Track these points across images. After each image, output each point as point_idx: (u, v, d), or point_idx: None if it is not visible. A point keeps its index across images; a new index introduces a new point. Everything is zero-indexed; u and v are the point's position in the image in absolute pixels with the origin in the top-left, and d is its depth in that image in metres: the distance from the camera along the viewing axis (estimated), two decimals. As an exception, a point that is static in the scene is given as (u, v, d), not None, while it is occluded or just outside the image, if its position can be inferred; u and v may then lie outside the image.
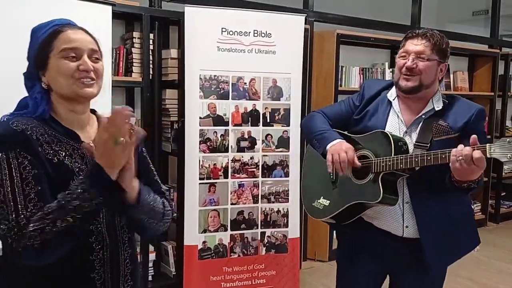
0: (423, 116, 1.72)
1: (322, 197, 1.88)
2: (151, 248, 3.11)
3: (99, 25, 2.57)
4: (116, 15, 2.72)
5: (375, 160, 1.70)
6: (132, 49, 3.00)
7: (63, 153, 1.13)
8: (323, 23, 3.86)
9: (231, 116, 3.02)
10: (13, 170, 1.05)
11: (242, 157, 3.06)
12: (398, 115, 1.76)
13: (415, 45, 1.70)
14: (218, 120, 3.00)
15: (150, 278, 3.12)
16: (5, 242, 1.04)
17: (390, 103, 1.78)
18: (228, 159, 3.03)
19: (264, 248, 3.14)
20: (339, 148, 1.71)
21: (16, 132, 1.07)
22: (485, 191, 5.12)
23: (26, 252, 1.01)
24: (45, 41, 1.16)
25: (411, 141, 1.72)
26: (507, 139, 1.41)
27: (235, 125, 3.03)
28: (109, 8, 2.63)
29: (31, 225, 1.01)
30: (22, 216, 1.03)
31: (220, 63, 2.96)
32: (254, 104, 3.06)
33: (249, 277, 3.12)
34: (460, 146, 1.47)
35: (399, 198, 1.70)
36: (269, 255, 3.15)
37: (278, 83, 3.10)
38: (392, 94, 1.79)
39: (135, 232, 1.28)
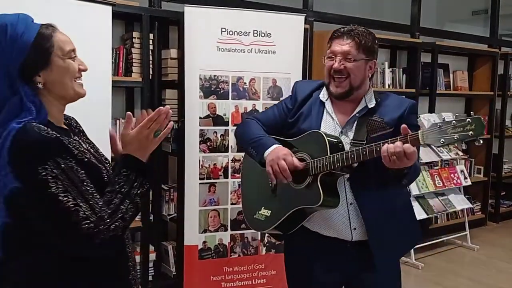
0: (357, 115, 1.70)
1: (262, 208, 1.80)
2: (151, 248, 3.11)
3: (99, 25, 2.58)
4: (116, 15, 2.73)
5: (311, 161, 1.64)
6: (132, 49, 3.00)
7: (82, 151, 1.20)
8: (323, 23, 3.86)
9: (231, 116, 3.02)
10: (70, 174, 1.10)
11: (242, 157, 3.05)
12: (332, 116, 1.73)
13: (341, 45, 1.67)
14: (218, 120, 3.00)
15: (150, 278, 3.12)
16: (89, 240, 1.08)
17: (323, 103, 1.75)
18: (228, 159, 3.03)
19: (264, 248, 3.14)
20: (276, 156, 1.64)
21: (52, 139, 1.10)
22: (485, 191, 5.12)
23: (111, 243, 1.12)
24: (39, 43, 1.15)
25: (348, 140, 1.68)
26: (438, 124, 1.41)
27: (235, 125, 3.03)
28: (109, 8, 2.63)
29: (112, 217, 1.12)
30: (102, 212, 1.11)
31: (220, 63, 2.96)
32: (254, 104, 3.06)
33: (249, 277, 3.12)
34: (391, 144, 1.45)
35: (341, 199, 1.65)
36: (269, 255, 3.15)
37: (278, 83, 3.10)
38: (324, 94, 1.76)
39: None
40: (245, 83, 3.04)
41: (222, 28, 2.96)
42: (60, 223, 1.08)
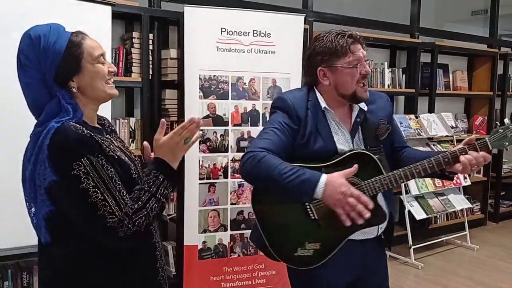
0: (358, 120, 1.68)
1: (306, 243, 1.61)
2: (151, 248, 3.10)
3: (98, 25, 2.58)
4: (115, 15, 2.73)
5: (369, 183, 1.57)
6: (132, 49, 3.00)
7: (113, 149, 1.31)
8: (323, 23, 3.86)
9: (231, 116, 3.02)
10: (100, 172, 1.21)
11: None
12: (339, 126, 1.67)
13: (362, 50, 1.63)
14: (218, 120, 3.00)
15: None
16: (113, 234, 1.19)
17: (323, 112, 1.65)
18: (228, 159, 3.03)
19: (264, 248, 3.14)
20: (338, 191, 1.43)
21: (86, 137, 1.20)
22: (485, 191, 5.13)
23: (133, 236, 1.21)
24: (71, 50, 1.25)
25: (363, 147, 1.67)
26: (498, 129, 1.56)
27: (235, 125, 3.03)
28: (109, 8, 2.63)
29: (138, 214, 1.22)
30: (128, 208, 1.22)
31: (219, 63, 2.96)
32: (253, 104, 3.07)
33: (249, 277, 3.12)
34: (470, 154, 1.56)
35: None
36: (269, 255, 3.15)
37: (278, 83, 3.10)
38: (321, 102, 1.66)
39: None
40: (244, 83, 3.04)
41: (222, 28, 2.96)
42: (89, 215, 1.19)
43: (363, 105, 1.69)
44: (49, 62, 1.22)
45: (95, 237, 1.24)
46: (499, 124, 1.63)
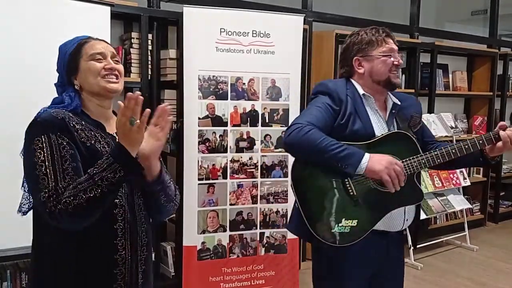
0: (394, 111, 1.81)
1: (343, 219, 1.66)
2: (150, 248, 3.10)
3: (97, 26, 2.57)
4: (114, 16, 2.72)
5: (409, 161, 1.69)
6: (131, 49, 3.00)
7: (93, 139, 1.34)
8: (322, 23, 3.86)
9: (230, 116, 3.01)
10: (54, 149, 1.26)
11: (241, 157, 3.06)
12: (378, 113, 1.78)
13: (394, 43, 1.80)
14: (217, 121, 2.99)
15: (149, 278, 3.11)
16: (43, 208, 1.22)
17: (361, 100, 1.76)
18: (227, 160, 3.03)
19: (263, 249, 3.14)
20: (386, 162, 1.59)
21: (57, 118, 1.29)
22: (484, 191, 5.13)
23: (61, 216, 1.21)
24: (75, 51, 1.39)
25: None
26: None
27: (234, 125, 3.03)
28: (108, 8, 2.63)
29: (66, 193, 1.22)
30: (60, 185, 1.23)
31: (218, 63, 2.96)
32: (253, 105, 3.06)
33: (248, 277, 3.11)
34: (510, 130, 1.69)
35: None
36: (268, 256, 3.15)
37: (277, 83, 3.10)
38: (360, 89, 1.78)
39: (153, 213, 1.47)
40: (244, 84, 3.03)
41: (221, 29, 2.95)
42: (32, 187, 1.27)
43: (396, 100, 1.82)
44: (62, 65, 1.40)
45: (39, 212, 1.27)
46: None
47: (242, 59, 3.00)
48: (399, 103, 1.81)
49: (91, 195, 1.21)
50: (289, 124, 1.69)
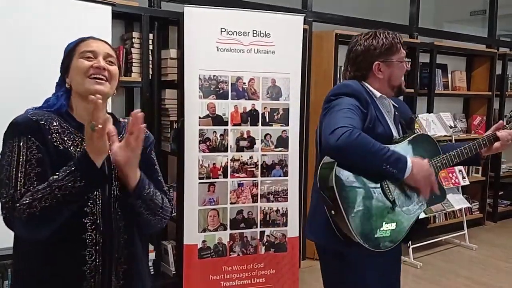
0: (396, 113, 1.85)
1: (384, 224, 1.66)
2: (150, 247, 3.11)
3: (98, 25, 2.58)
4: (115, 15, 2.73)
5: (432, 162, 1.75)
6: (132, 49, 3.01)
7: (70, 143, 1.27)
8: (322, 23, 3.87)
9: (230, 116, 3.03)
10: (21, 152, 1.21)
11: (242, 156, 3.07)
12: (388, 114, 1.81)
13: (404, 51, 1.84)
14: (218, 120, 3.00)
15: (149, 277, 3.12)
16: (2, 213, 1.18)
17: (375, 102, 1.77)
18: (227, 159, 3.04)
19: (264, 247, 3.15)
20: (425, 171, 1.64)
21: (31, 121, 1.24)
22: (483, 190, 5.14)
23: (16, 223, 1.17)
24: (70, 50, 1.34)
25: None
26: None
27: (234, 124, 3.04)
28: (109, 8, 2.63)
29: (22, 200, 1.16)
30: (18, 191, 1.17)
31: (219, 63, 2.97)
32: (253, 104, 3.07)
33: (248, 276, 3.13)
34: (506, 131, 1.81)
35: None
36: (269, 254, 3.16)
37: (277, 83, 3.11)
38: (374, 92, 1.79)
39: (135, 224, 1.35)
40: (244, 83, 3.05)
41: (221, 28, 2.97)
42: None
43: (393, 103, 1.86)
44: (60, 65, 1.35)
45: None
46: (509, 115, 1.85)
47: (243, 58, 3.01)
48: (396, 105, 1.87)
49: (46, 204, 1.13)
50: (332, 126, 1.60)
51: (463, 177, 4.44)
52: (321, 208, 1.70)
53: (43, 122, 1.24)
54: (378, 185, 1.67)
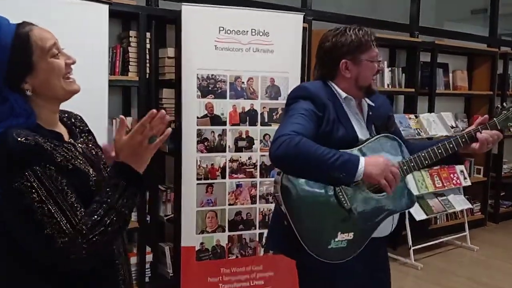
0: (370, 113, 1.76)
1: (339, 233, 1.59)
2: (148, 249, 3.08)
3: (95, 24, 2.56)
4: (112, 14, 2.70)
5: (401, 165, 1.64)
6: (129, 48, 2.98)
7: (69, 157, 1.13)
8: (321, 21, 3.83)
9: (229, 115, 2.99)
10: (47, 184, 1.04)
11: (240, 157, 3.04)
12: (357, 116, 1.72)
13: (376, 50, 1.72)
14: (216, 120, 2.97)
15: (147, 279, 3.09)
16: (62, 255, 1.02)
17: (340, 103, 1.68)
18: (225, 159, 3.01)
19: (262, 249, 3.12)
20: (382, 165, 1.50)
21: (31, 145, 1.04)
22: (485, 191, 5.11)
23: (88, 257, 1.03)
24: (18, 46, 1.09)
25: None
26: (500, 111, 1.70)
27: (233, 124, 3.01)
28: (106, 7, 2.61)
29: (93, 231, 1.04)
30: (81, 225, 1.04)
31: (217, 62, 2.94)
32: (252, 104, 3.04)
33: (247, 278, 3.09)
34: (487, 133, 1.66)
35: None
36: (267, 256, 3.13)
37: (276, 82, 3.08)
38: (341, 92, 1.69)
39: None
40: (243, 83, 3.01)
41: (220, 27, 2.93)
42: (34, 235, 1.03)
43: (369, 101, 1.76)
44: (8, 69, 1.08)
45: (44, 261, 1.07)
46: (500, 107, 1.74)
47: (241, 58, 2.98)
48: (373, 104, 1.77)
49: (117, 226, 1.07)
50: (274, 137, 1.52)
51: (465, 178, 4.41)
52: (279, 218, 1.64)
53: (41, 143, 1.06)
54: (332, 191, 1.59)
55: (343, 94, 1.68)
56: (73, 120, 1.30)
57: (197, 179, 2.95)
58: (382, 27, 4.22)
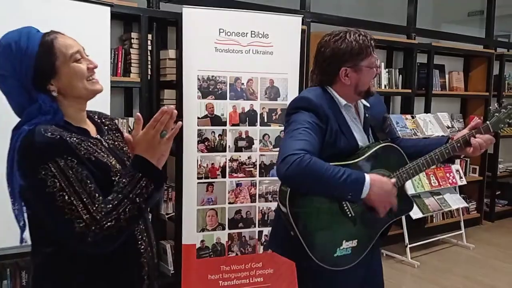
0: (367, 115, 1.78)
1: (344, 241, 1.64)
2: (149, 247, 3.12)
3: (97, 26, 2.59)
4: (114, 16, 2.74)
5: (398, 173, 1.69)
6: (130, 49, 3.02)
7: (92, 150, 1.24)
8: (320, 24, 3.88)
9: (229, 116, 3.04)
10: (68, 174, 1.14)
11: (240, 156, 3.08)
12: (355, 121, 1.74)
13: (375, 55, 1.73)
14: (216, 120, 3.02)
15: (148, 277, 3.13)
16: (81, 239, 1.12)
17: (339, 109, 1.69)
18: (225, 159, 3.05)
19: (262, 247, 3.16)
20: (384, 192, 1.57)
21: (55, 140, 1.15)
22: (480, 190, 5.16)
23: (105, 242, 1.13)
24: (44, 51, 1.20)
25: (373, 141, 1.79)
26: (493, 113, 1.75)
27: (233, 125, 3.05)
28: (108, 9, 2.64)
29: (107, 217, 1.13)
30: (97, 212, 1.13)
31: (217, 63, 2.98)
32: (251, 104, 3.09)
33: (247, 275, 3.14)
34: (480, 138, 1.70)
35: None
36: (267, 254, 3.17)
37: (275, 83, 3.12)
38: (341, 99, 1.70)
39: None
40: (242, 84, 3.06)
41: (220, 29, 2.98)
42: (56, 220, 1.13)
43: (365, 102, 1.78)
44: (24, 68, 1.18)
45: (67, 243, 1.17)
46: (491, 109, 1.78)
47: (241, 59, 3.02)
48: (368, 105, 1.78)
49: (131, 214, 1.15)
50: (282, 154, 1.52)
51: (460, 177, 4.46)
52: (282, 221, 1.68)
53: (65, 137, 1.17)
54: (337, 202, 1.63)
55: (343, 102, 1.70)
56: (103, 119, 1.42)
57: (198, 178, 3.00)
58: (379, 29, 4.27)
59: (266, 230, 3.16)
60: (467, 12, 6.76)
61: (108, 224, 1.12)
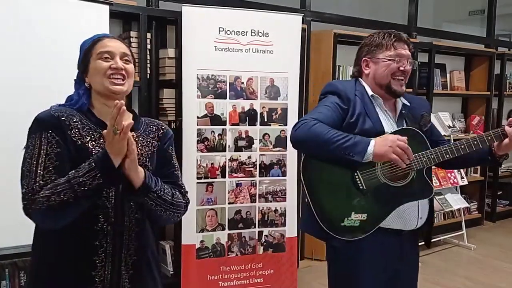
0: (403, 111, 1.82)
1: (353, 213, 1.69)
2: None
3: (96, 25, 2.57)
4: (113, 15, 2.73)
5: (417, 156, 1.69)
6: (130, 48, 3.00)
7: (89, 138, 1.34)
8: (320, 22, 3.87)
9: (229, 115, 3.02)
10: (42, 146, 1.28)
11: (240, 156, 3.07)
12: (387, 113, 1.80)
13: (405, 49, 1.78)
14: (216, 120, 3.00)
15: (147, 277, 3.12)
16: (23, 204, 1.25)
17: (370, 100, 1.78)
18: (225, 159, 3.03)
19: (262, 247, 3.15)
20: (389, 141, 1.59)
21: (52, 117, 1.32)
22: (482, 190, 5.15)
23: (34, 213, 1.24)
24: (87, 50, 1.40)
25: None
26: None
27: (233, 124, 3.04)
28: (107, 7, 2.63)
29: (41, 192, 1.23)
30: (38, 184, 1.24)
31: (217, 62, 2.96)
32: (251, 104, 3.07)
33: (246, 276, 3.12)
34: None
35: None
36: (267, 254, 3.16)
37: (276, 82, 3.11)
38: (368, 90, 1.80)
39: (149, 219, 1.44)
40: (242, 83, 3.04)
41: (219, 28, 2.96)
42: (20, 182, 1.28)
43: (405, 101, 1.83)
44: (78, 64, 1.42)
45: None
46: None
47: (241, 58, 3.01)
48: (408, 104, 1.83)
49: (64, 198, 1.21)
50: (296, 122, 1.71)
51: (462, 177, 4.44)
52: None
53: (63, 118, 1.32)
54: (350, 174, 1.69)
55: (370, 92, 1.79)
56: (144, 125, 1.49)
57: (197, 178, 2.98)
58: (380, 28, 4.17)
59: (266, 231, 3.15)
60: (468, 11, 6.74)
61: (39, 198, 1.22)
